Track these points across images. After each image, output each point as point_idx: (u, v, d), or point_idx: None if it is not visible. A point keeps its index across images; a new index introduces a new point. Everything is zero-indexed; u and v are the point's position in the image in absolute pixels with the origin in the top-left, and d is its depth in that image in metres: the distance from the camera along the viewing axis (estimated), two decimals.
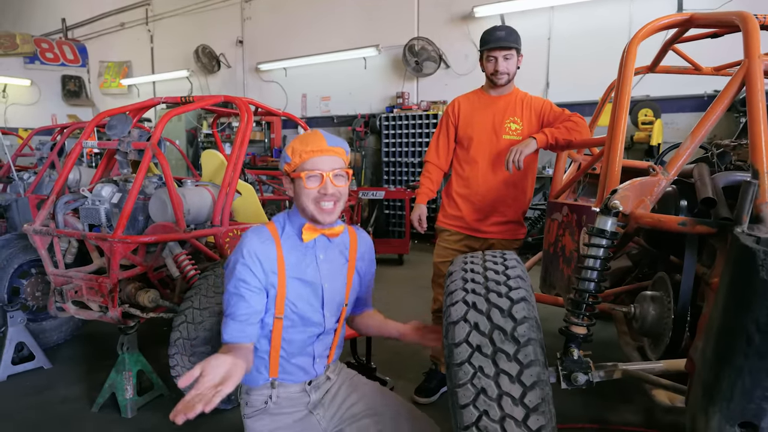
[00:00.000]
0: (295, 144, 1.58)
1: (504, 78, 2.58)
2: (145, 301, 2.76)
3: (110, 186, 3.03)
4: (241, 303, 1.52)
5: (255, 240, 1.55)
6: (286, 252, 1.59)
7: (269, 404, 1.65)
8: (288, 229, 1.64)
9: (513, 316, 1.35)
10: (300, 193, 1.57)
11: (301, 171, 1.55)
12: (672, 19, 2.03)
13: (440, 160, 2.74)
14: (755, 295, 1.09)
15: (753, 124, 1.37)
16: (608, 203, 1.50)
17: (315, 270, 1.65)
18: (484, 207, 2.60)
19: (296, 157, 1.56)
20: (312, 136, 1.58)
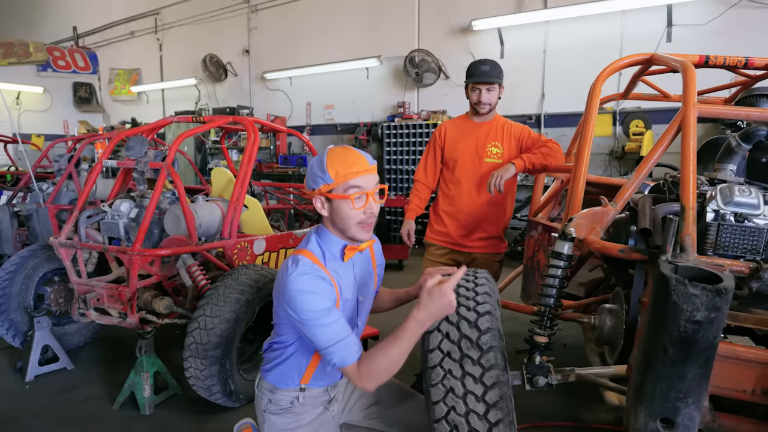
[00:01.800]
0: (337, 165, 1.56)
1: (486, 108, 2.83)
2: (160, 308, 3.02)
3: (128, 202, 3.30)
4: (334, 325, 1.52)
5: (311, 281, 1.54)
6: (334, 276, 1.62)
7: (295, 405, 1.75)
8: (327, 253, 1.65)
9: (478, 327, 1.60)
10: (344, 215, 1.58)
11: (345, 192, 1.56)
12: (632, 59, 2.26)
13: (428, 180, 2.99)
14: (669, 314, 1.33)
15: (684, 165, 1.61)
16: (565, 230, 1.75)
17: (353, 286, 1.72)
18: (468, 224, 2.84)
19: (339, 178, 1.55)
20: (352, 156, 1.59)
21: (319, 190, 1.58)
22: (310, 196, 1.64)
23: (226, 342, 2.65)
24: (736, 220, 1.65)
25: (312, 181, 1.60)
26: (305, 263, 1.57)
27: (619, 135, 6.57)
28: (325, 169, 1.57)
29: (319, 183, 1.58)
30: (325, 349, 1.52)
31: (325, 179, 1.57)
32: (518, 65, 7.13)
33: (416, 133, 7.70)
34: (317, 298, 1.52)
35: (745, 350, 1.51)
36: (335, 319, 1.53)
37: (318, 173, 1.58)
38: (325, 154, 1.60)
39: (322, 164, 1.58)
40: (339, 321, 1.54)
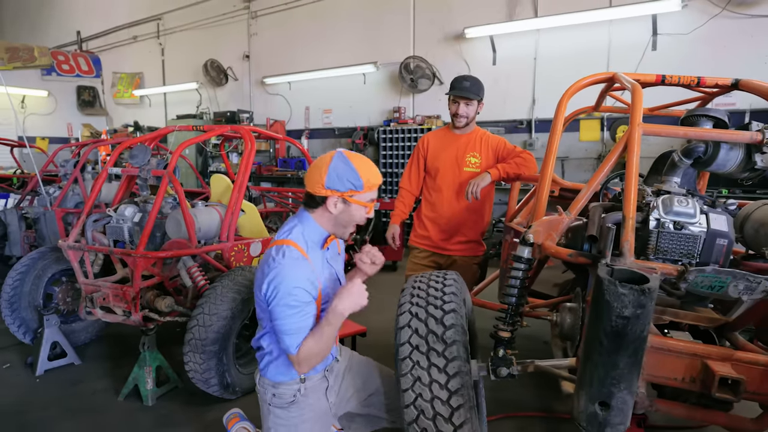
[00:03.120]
0: (368, 175, 1.79)
1: (462, 121, 3.04)
2: (162, 307, 3.24)
3: (132, 207, 3.51)
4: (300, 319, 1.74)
5: (296, 266, 1.74)
6: (314, 263, 1.83)
7: (297, 397, 1.92)
8: (311, 240, 1.85)
9: (444, 324, 1.80)
10: (353, 215, 1.83)
11: (365, 200, 1.82)
12: (594, 78, 2.46)
13: (412, 187, 3.21)
14: (603, 311, 1.53)
15: (627, 179, 1.82)
16: (524, 236, 1.95)
17: (330, 268, 1.95)
18: (448, 228, 3.06)
19: (367, 187, 1.79)
20: (375, 169, 1.85)
21: (343, 192, 1.78)
22: (322, 194, 1.79)
23: (223, 338, 2.86)
24: (675, 227, 1.84)
25: (339, 182, 1.76)
26: (291, 250, 1.76)
27: (607, 140, 6.77)
28: (359, 177, 1.77)
29: (347, 187, 1.77)
30: (282, 333, 1.74)
31: (356, 186, 1.78)
32: (510, 72, 7.34)
33: (411, 137, 7.91)
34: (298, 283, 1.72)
35: (675, 342, 1.71)
36: (307, 312, 1.76)
37: (350, 179, 1.77)
38: (349, 160, 1.79)
39: (354, 170, 1.77)
40: (307, 314, 1.76)
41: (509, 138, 7.32)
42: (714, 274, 1.59)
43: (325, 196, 1.80)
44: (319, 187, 1.79)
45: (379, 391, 2.15)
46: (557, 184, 3.12)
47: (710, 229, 1.83)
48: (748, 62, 5.80)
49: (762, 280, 1.56)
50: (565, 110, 2.48)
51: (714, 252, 1.83)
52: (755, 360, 1.65)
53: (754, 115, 5.76)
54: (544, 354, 3.63)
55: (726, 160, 1.95)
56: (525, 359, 2.03)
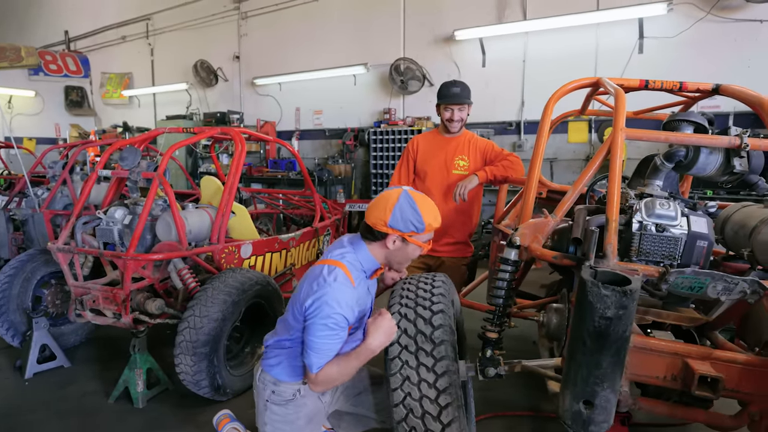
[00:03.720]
0: (430, 219, 1.88)
1: (458, 125, 3.10)
2: (152, 309, 3.24)
3: (122, 209, 3.51)
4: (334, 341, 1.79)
5: (345, 291, 1.81)
6: (358, 291, 1.89)
7: (297, 397, 1.98)
8: (361, 269, 1.93)
9: (432, 324, 1.84)
10: (408, 253, 1.94)
11: (423, 241, 1.92)
12: (579, 83, 2.52)
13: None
14: (586, 312, 1.57)
15: (610, 183, 1.86)
16: (511, 239, 1.99)
17: (368, 297, 2.02)
18: (437, 230, 3.09)
19: (427, 230, 1.89)
20: (437, 212, 1.94)
21: (404, 233, 1.86)
22: (384, 231, 1.86)
23: (214, 340, 2.87)
24: (657, 230, 1.89)
25: (402, 223, 1.85)
26: (342, 276, 1.83)
27: (595, 141, 6.85)
28: (422, 221, 1.86)
29: (410, 228, 1.86)
30: (311, 349, 1.78)
31: (418, 228, 1.87)
32: (499, 74, 7.40)
33: (402, 138, 7.94)
34: (338, 317, 1.77)
35: (657, 342, 1.76)
36: (340, 337, 1.81)
37: (414, 222, 1.85)
38: (415, 203, 1.86)
39: (418, 213, 1.86)
40: (338, 341, 1.81)
41: (498, 139, 7.46)
42: (693, 275, 1.64)
43: (386, 233, 1.87)
44: (382, 224, 1.86)
45: (367, 390, 2.18)
46: (544, 186, 3.17)
47: (691, 231, 1.88)
48: (732, 65, 5.91)
49: (739, 281, 1.61)
50: (552, 114, 2.52)
51: (694, 253, 1.89)
52: (733, 358, 1.70)
53: (738, 117, 5.87)
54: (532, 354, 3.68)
55: (706, 164, 2.00)
56: (513, 359, 2.07)
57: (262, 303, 3.25)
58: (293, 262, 4.31)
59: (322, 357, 1.79)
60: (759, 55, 5.78)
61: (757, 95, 2.10)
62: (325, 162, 9.01)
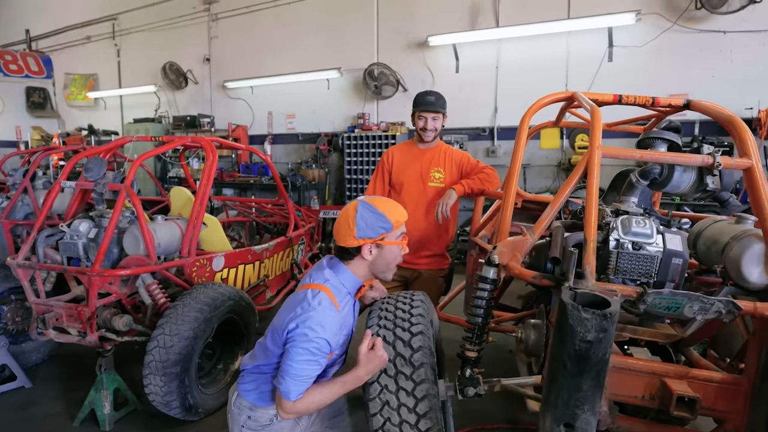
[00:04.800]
0: (393, 213, 1.84)
1: (431, 135, 3.06)
2: (119, 326, 3.11)
3: (87, 222, 3.37)
4: (312, 367, 1.72)
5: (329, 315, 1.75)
6: (342, 315, 1.84)
7: (273, 422, 1.90)
8: (344, 290, 1.87)
9: (411, 346, 1.80)
10: (389, 257, 1.86)
11: (396, 238, 1.85)
12: (555, 97, 2.52)
13: None
14: (567, 335, 1.56)
15: (588, 202, 1.86)
16: (490, 257, 1.97)
17: (352, 318, 1.96)
18: (413, 243, 3.06)
19: (397, 225, 1.83)
20: (399, 206, 1.90)
21: (375, 239, 1.82)
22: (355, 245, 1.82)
23: (185, 359, 2.78)
24: (634, 247, 1.90)
25: (369, 230, 1.81)
26: (327, 300, 1.78)
27: (566, 148, 6.95)
28: (386, 218, 1.82)
29: (380, 232, 1.82)
30: (289, 375, 1.71)
31: (386, 228, 1.82)
32: (472, 80, 7.45)
33: (376, 144, 7.91)
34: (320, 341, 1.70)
35: (635, 362, 1.77)
36: (320, 364, 1.74)
37: (380, 224, 1.81)
38: (373, 206, 1.83)
39: (380, 215, 1.82)
40: (317, 367, 1.74)
41: (472, 145, 7.50)
42: (671, 296, 1.65)
43: (359, 246, 1.83)
44: (351, 239, 1.82)
45: (343, 412, 2.13)
46: (520, 197, 3.17)
47: (666, 249, 1.90)
48: (697, 74, 6.08)
49: (715, 301, 1.63)
50: (527, 128, 2.52)
51: (670, 271, 1.90)
52: (709, 377, 1.72)
53: (703, 125, 6.04)
54: (509, 363, 3.70)
55: (680, 182, 2.02)
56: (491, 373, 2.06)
57: (236, 318, 3.17)
58: (267, 274, 4.22)
59: (300, 384, 1.72)
60: (723, 65, 5.96)
61: (728, 113, 2.13)
62: (299, 167, 8.91)
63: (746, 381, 1.69)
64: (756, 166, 1.88)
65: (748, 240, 1.90)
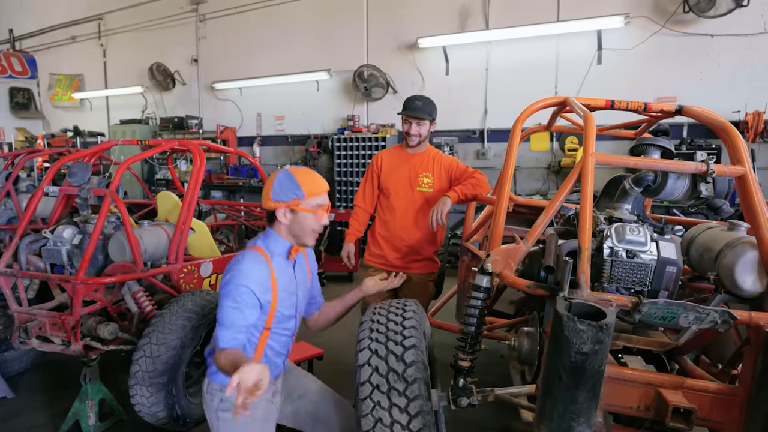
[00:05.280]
0: (308, 183, 1.92)
1: (415, 140, 3.05)
2: (105, 334, 3.04)
3: (71, 228, 3.29)
4: (237, 315, 1.81)
5: (254, 265, 1.87)
6: (276, 272, 1.94)
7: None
8: (275, 251, 1.97)
9: (404, 361, 1.77)
10: (306, 224, 1.94)
11: (310, 206, 1.93)
12: (547, 102, 2.50)
13: (366, 204, 3.19)
14: (562, 346, 1.54)
15: (582, 210, 1.84)
16: (483, 265, 1.94)
17: (294, 282, 2.04)
18: (402, 247, 3.06)
19: (309, 195, 1.91)
20: (318, 178, 1.98)
21: (288, 203, 1.91)
22: (272, 207, 1.94)
23: (172, 369, 2.72)
24: (628, 256, 1.88)
25: (282, 194, 1.91)
26: (254, 253, 1.91)
27: (556, 150, 6.97)
28: (298, 185, 1.91)
29: (290, 197, 1.91)
30: (220, 322, 1.82)
31: (298, 194, 1.91)
32: (462, 82, 7.44)
33: (366, 146, 7.87)
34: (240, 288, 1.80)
35: (630, 372, 1.75)
36: (240, 313, 1.81)
37: (292, 189, 1.91)
38: (291, 174, 1.94)
39: (295, 182, 1.92)
40: (247, 314, 1.82)
41: (462, 147, 7.49)
42: (666, 306, 1.63)
43: (274, 209, 1.94)
44: (268, 201, 1.95)
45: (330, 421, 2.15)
46: (512, 201, 3.15)
47: (660, 257, 1.88)
48: (685, 77, 6.12)
49: (710, 311, 1.61)
50: (519, 134, 2.50)
51: (664, 279, 1.89)
52: (705, 387, 1.71)
53: (691, 128, 6.08)
54: (501, 367, 3.69)
55: (674, 189, 2.01)
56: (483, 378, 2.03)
57: None
58: None
59: (226, 331, 1.79)
60: (710, 68, 6.01)
61: (720, 119, 2.13)
62: None
63: (742, 391, 1.68)
64: (749, 173, 1.87)
65: (742, 247, 1.89)
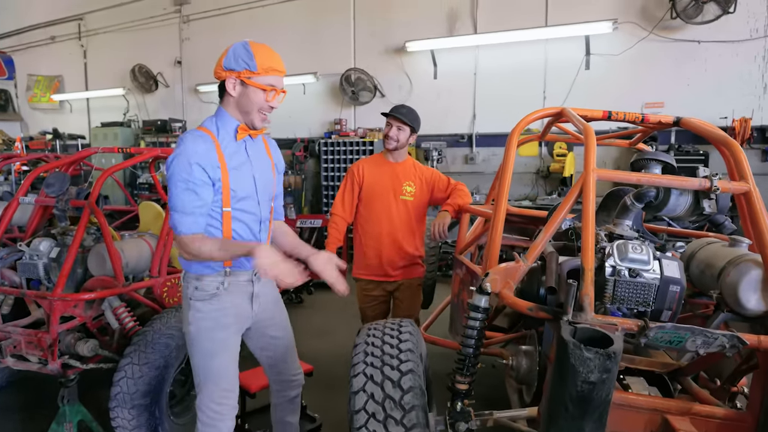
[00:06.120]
0: (264, 59, 1.82)
1: (392, 144, 3.05)
2: (84, 351, 2.91)
3: (48, 241, 3.15)
4: (191, 197, 1.77)
5: (197, 140, 1.80)
6: (223, 148, 1.86)
7: (220, 290, 1.92)
8: (222, 130, 1.89)
9: (401, 387, 1.69)
10: (253, 100, 1.85)
11: (262, 83, 1.82)
12: (543, 113, 2.45)
13: (345, 213, 3.14)
14: (568, 375, 1.47)
15: (584, 228, 1.78)
16: (482, 285, 1.87)
17: (248, 163, 1.96)
18: (388, 255, 3.06)
19: (263, 70, 1.81)
20: (276, 56, 1.88)
21: (239, 73, 1.81)
22: (222, 77, 1.85)
23: (155, 389, 2.60)
24: (630, 275, 1.82)
25: (234, 63, 1.81)
26: (195, 131, 1.85)
27: (545, 155, 6.95)
28: (252, 56, 1.80)
29: (242, 67, 1.80)
30: (173, 208, 1.79)
31: (250, 66, 1.80)
32: (450, 87, 7.39)
33: (353, 150, 7.78)
34: (185, 165, 1.75)
35: (636, 398, 1.69)
36: (195, 194, 1.77)
37: (245, 59, 1.80)
38: (248, 44, 1.84)
39: (249, 52, 1.81)
40: (201, 194, 1.78)
41: (451, 152, 7.44)
42: (673, 330, 1.57)
43: (224, 80, 1.85)
44: (219, 68, 1.85)
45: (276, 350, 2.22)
46: None
47: (663, 276, 1.83)
48: (673, 83, 6.14)
49: (719, 335, 1.56)
50: (516, 145, 2.43)
51: (667, 299, 1.83)
52: (712, 413, 1.66)
53: (679, 133, 6.09)
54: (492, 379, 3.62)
55: (676, 205, 1.96)
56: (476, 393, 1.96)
57: None
58: None
59: (183, 216, 1.76)
60: (697, 75, 6.03)
61: (721, 133, 2.09)
62: None
63: (750, 417, 1.63)
64: (754, 190, 1.83)
65: (746, 265, 1.84)
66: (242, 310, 2.01)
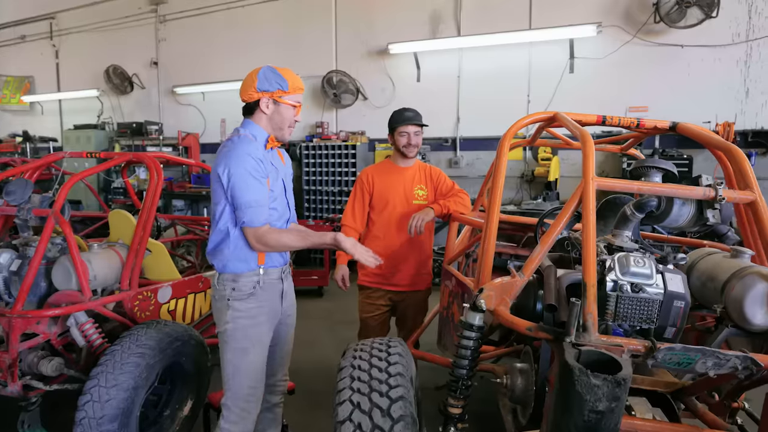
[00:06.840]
0: (293, 79, 2.07)
1: (414, 150, 2.96)
2: (48, 371, 2.71)
3: (8, 252, 2.94)
4: (262, 188, 1.97)
5: (249, 142, 2.00)
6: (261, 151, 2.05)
7: (256, 289, 2.08)
8: (257, 138, 2.07)
9: (391, 416, 1.55)
10: (284, 116, 2.09)
11: (291, 101, 2.07)
12: (535, 118, 2.35)
13: (356, 223, 3.01)
14: (574, 403, 1.35)
15: (585, 241, 1.66)
16: (476, 302, 1.75)
17: (275, 172, 2.14)
18: (398, 263, 2.93)
19: (292, 89, 2.06)
20: (298, 77, 2.13)
21: (272, 93, 2.04)
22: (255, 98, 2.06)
23: (124, 413, 2.41)
24: (633, 290, 1.72)
25: (268, 84, 2.03)
26: (242, 137, 2.02)
27: (529, 159, 6.89)
28: (283, 78, 2.04)
29: (275, 87, 2.04)
30: (243, 207, 1.94)
31: (283, 86, 2.04)
32: (434, 89, 7.29)
33: (336, 153, 7.62)
34: (250, 159, 1.94)
35: (643, 423, 1.58)
36: (262, 185, 1.97)
37: (278, 81, 2.03)
38: (275, 69, 2.07)
39: (279, 75, 2.05)
40: (263, 188, 1.97)
41: (435, 156, 7.33)
42: (683, 351, 1.47)
43: (258, 99, 2.06)
44: (252, 91, 2.05)
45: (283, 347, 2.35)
46: None
47: (667, 291, 1.73)
48: (656, 87, 6.13)
49: (731, 357, 1.46)
50: (507, 152, 2.32)
51: (671, 315, 1.73)
52: None
53: (663, 137, 6.07)
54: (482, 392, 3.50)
55: (679, 216, 1.87)
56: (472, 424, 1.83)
57: (184, 361, 2.82)
58: None
59: (258, 210, 1.94)
60: (681, 78, 6.03)
61: (721, 139, 2.00)
62: None
63: None
64: (760, 199, 1.74)
65: (751, 279, 1.75)
66: (274, 306, 2.18)
